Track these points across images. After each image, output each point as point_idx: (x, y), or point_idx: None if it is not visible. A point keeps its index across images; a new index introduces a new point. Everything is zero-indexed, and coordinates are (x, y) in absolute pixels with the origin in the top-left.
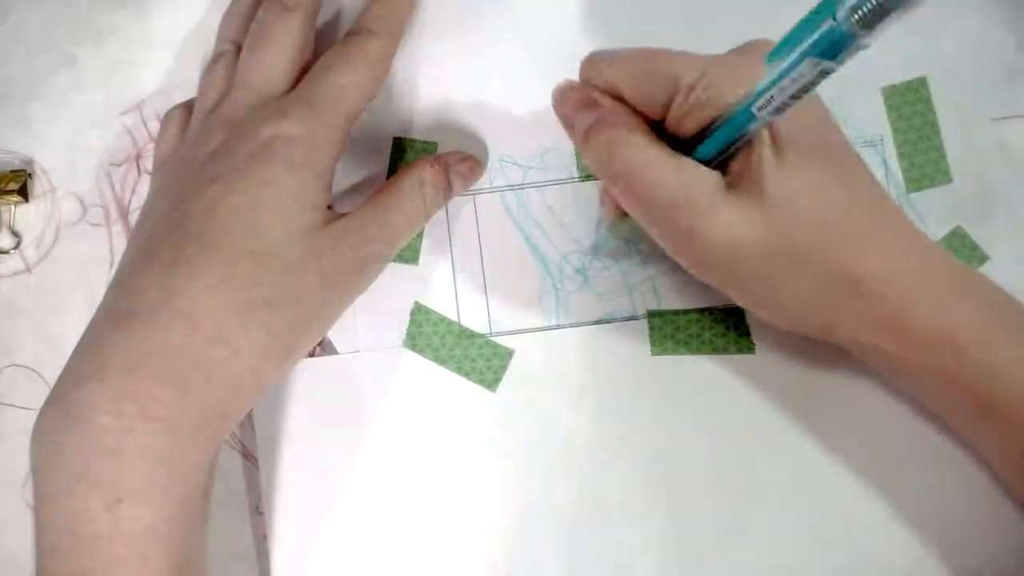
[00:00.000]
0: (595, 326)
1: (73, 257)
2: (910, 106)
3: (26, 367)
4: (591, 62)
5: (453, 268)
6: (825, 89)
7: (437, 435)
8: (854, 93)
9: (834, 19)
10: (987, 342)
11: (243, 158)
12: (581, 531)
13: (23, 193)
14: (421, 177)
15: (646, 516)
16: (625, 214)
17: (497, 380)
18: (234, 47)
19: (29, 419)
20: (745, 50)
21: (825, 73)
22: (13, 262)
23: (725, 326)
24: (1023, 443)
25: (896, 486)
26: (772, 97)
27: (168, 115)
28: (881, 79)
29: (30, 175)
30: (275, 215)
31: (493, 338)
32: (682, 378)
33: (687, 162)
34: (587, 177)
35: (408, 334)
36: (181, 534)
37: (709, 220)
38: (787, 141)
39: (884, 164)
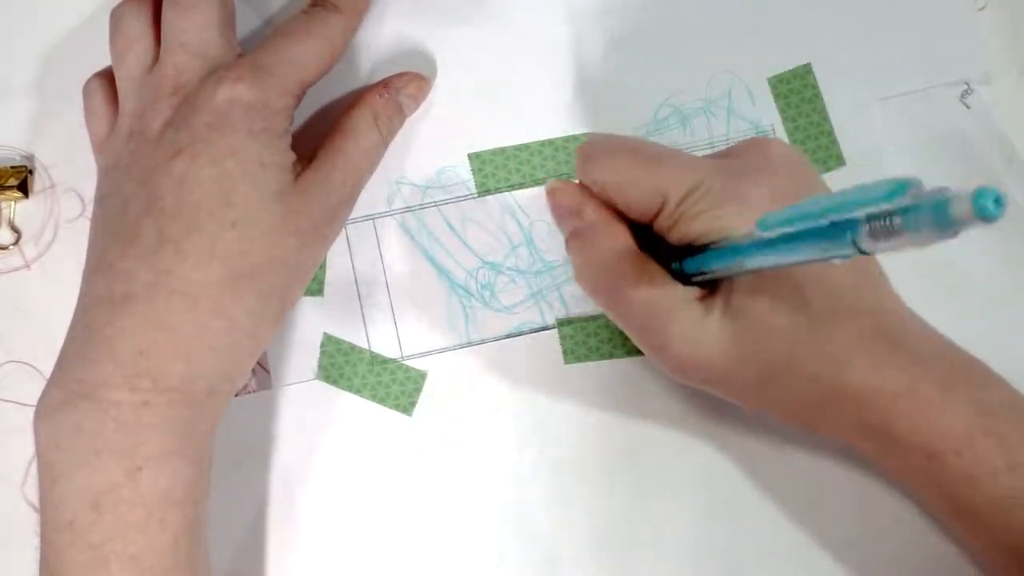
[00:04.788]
0: (506, 340)
1: (72, 253)
2: (797, 93)
3: (25, 363)
4: (584, 158)
5: (359, 295)
6: (713, 84)
7: (357, 465)
8: (742, 86)
9: (853, 235)
10: (964, 452)
11: (203, 127)
12: (509, 548)
13: (23, 189)
14: (374, 110)
15: (572, 527)
16: None
17: (412, 404)
18: (138, 5)
19: (29, 415)
20: (738, 161)
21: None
22: (12, 258)
23: None
24: (1000, 543)
25: (809, 476)
26: (776, 264)
27: (88, 89)
28: (767, 69)
29: (30, 171)
30: (247, 183)
31: (405, 362)
32: (597, 384)
33: (659, 280)
34: (485, 192)
35: (320, 366)
36: (194, 496)
37: (677, 338)
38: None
39: None
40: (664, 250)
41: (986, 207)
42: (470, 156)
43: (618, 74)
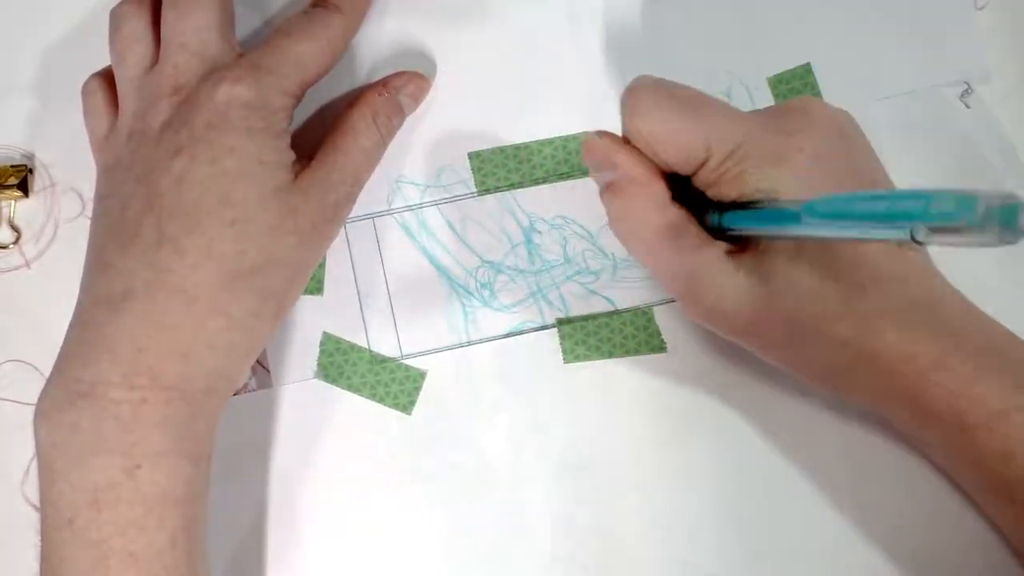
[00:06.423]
0: (505, 339)
1: (72, 253)
2: (797, 93)
3: (24, 362)
4: (630, 108)
5: (359, 294)
6: (713, 84)
7: (357, 464)
8: (742, 86)
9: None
10: (997, 427)
11: (202, 127)
12: (509, 548)
13: (23, 188)
14: (374, 110)
15: (570, 527)
16: None
17: (412, 403)
18: (138, 5)
19: (28, 414)
20: (782, 120)
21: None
22: (12, 257)
23: (635, 327)
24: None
25: (810, 473)
26: (823, 238)
27: (88, 89)
28: (767, 69)
29: (31, 170)
30: (246, 181)
31: (404, 361)
32: (597, 384)
33: (692, 233)
34: (485, 191)
35: (319, 365)
36: (193, 494)
37: (706, 290)
38: None
39: None
40: (700, 201)
41: None
42: (470, 155)
43: (618, 74)
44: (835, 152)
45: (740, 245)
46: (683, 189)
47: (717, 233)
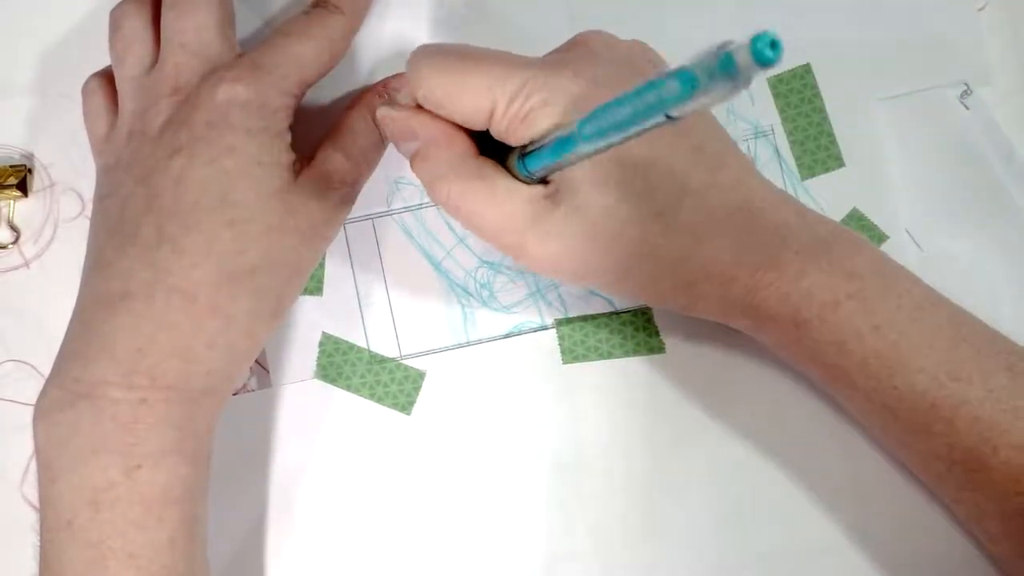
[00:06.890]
0: (504, 340)
1: (72, 252)
2: (797, 94)
3: (23, 362)
4: (413, 69)
5: (358, 295)
6: None
7: (356, 464)
8: None
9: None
10: (829, 317)
11: (202, 126)
12: (509, 548)
13: (22, 188)
14: (373, 110)
15: (571, 526)
16: None
17: (411, 403)
18: (137, 5)
19: (28, 414)
20: (562, 55)
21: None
22: (11, 257)
23: (634, 327)
24: (874, 402)
25: (809, 474)
26: (604, 146)
27: (87, 89)
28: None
29: (30, 170)
30: (246, 181)
31: (404, 361)
32: (595, 384)
33: (501, 186)
34: None
35: (319, 365)
36: (192, 494)
37: (531, 236)
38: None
39: (777, 154)
40: (511, 156)
41: (763, 52)
42: None
43: None
44: (618, 77)
45: (555, 188)
46: (491, 146)
47: (531, 181)
